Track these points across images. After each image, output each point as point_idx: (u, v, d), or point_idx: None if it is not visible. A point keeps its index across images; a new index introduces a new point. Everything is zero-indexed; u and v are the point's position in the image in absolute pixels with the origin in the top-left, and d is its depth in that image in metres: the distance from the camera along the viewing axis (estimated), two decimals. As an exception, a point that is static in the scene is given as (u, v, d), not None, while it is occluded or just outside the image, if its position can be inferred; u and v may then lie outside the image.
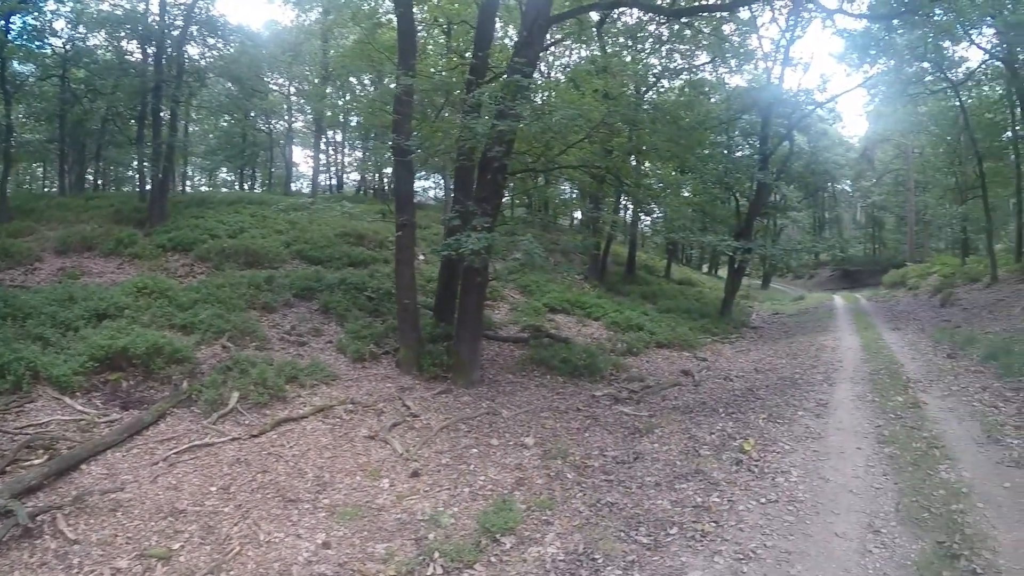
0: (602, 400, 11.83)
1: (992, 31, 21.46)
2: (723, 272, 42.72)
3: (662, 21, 21.37)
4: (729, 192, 28.35)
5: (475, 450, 8.88)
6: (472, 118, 11.08)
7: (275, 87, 34.78)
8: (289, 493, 7.14)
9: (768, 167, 24.22)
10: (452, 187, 19.26)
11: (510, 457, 8.62)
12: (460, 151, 11.96)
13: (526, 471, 8.07)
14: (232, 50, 23.88)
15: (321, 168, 39.04)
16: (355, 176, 42.72)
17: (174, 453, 7.89)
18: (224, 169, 44.79)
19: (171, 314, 12.16)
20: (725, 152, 28.45)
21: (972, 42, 22.62)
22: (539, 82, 19.18)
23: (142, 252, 16.15)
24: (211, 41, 22.86)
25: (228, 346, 11.60)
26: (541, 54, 23.63)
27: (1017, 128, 24.31)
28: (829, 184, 50.78)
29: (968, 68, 24.70)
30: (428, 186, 40.69)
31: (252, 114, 36.45)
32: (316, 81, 33.55)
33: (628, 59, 24.10)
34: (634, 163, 25.67)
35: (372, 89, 30.91)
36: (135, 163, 25.21)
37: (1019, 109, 23.55)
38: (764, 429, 9.02)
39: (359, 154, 41.62)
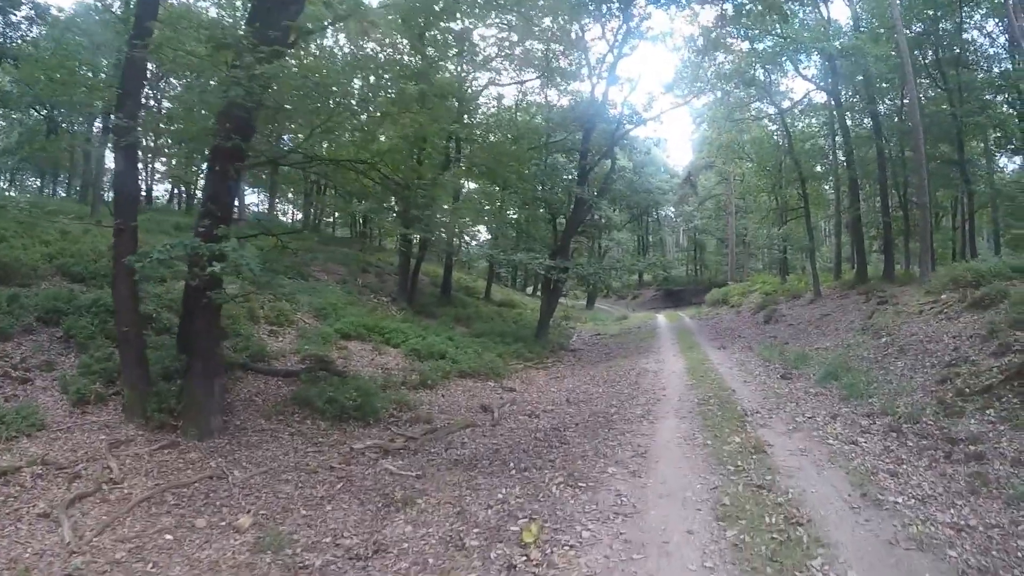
0: (367, 452, 8.95)
1: (816, 65, 23.96)
2: (547, 293, 41.92)
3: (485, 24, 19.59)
4: (549, 210, 27.16)
5: (170, 536, 6.11)
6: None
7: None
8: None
9: (587, 183, 22.79)
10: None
11: (212, 548, 5.89)
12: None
13: (220, 574, 5.36)
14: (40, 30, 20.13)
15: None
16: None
17: None
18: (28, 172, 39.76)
19: None
20: (544, 167, 27.00)
21: (799, 73, 24.73)
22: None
23: None
24: (13, 19, 19.38)
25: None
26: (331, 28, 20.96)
27: (839, 154, 25.60)
28: (653, 209, 51.70)
29: (792, 99, 27.52)
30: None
31: (59, 109, 30.45)
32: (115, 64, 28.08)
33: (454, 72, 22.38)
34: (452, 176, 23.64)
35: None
36: None
37: (840, 136, 24.45)
38: (559, 500, 6.22)
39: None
